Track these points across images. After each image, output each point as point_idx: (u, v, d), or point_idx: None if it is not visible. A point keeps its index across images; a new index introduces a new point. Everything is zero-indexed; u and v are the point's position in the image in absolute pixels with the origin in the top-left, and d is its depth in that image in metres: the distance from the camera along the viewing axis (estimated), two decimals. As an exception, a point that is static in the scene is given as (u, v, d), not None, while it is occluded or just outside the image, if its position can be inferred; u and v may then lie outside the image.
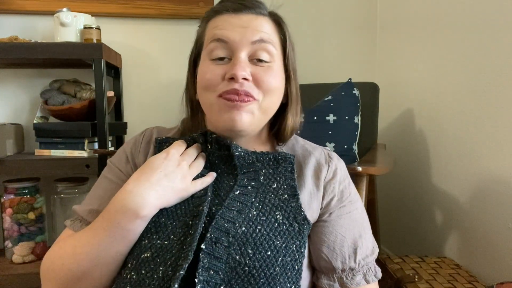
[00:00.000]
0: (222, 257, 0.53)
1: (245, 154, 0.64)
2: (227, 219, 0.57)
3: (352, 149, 1.28)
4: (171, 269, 0.53)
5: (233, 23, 0.62)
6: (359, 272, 0.63)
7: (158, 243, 0.55)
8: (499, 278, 1.08)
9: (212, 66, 0.62)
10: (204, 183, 0.63)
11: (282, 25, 0.67)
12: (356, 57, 1.86)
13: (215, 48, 0.62)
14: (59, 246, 0.62)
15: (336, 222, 0.65)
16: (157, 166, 0.61)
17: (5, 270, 1.38)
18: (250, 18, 0.62)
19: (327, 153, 0.72)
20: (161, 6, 1.65)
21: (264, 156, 0.65)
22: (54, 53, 1.31)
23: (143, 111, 1.72)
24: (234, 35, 0.61)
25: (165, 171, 0.60)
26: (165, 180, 0.59)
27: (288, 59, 0.67)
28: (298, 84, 0.71)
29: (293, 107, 0.70)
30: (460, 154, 1.28)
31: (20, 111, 1.62)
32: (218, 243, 0.54)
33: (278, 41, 0.65)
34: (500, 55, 1.10)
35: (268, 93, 0.62)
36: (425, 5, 1.49)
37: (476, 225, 1.20)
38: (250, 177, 0.64)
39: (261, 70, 0.62)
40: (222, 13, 0.63)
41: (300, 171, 0.67)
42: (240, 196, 0.61)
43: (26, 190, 1.43)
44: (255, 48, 0.61)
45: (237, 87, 0.59)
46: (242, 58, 0.61)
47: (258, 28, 0.62)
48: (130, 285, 0.54)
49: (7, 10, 1.56)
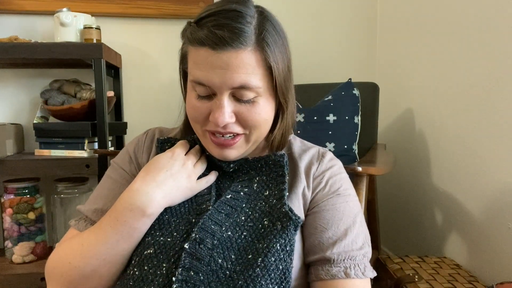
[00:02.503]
0: (204, 258, 0.53)
1: (238, 167, 0.66)
2: (215, 221, 0.57)
3: (352, 149, 1.28)
4: (175, 266, 0.53)
5: (212, 63, 0.56)
6: (338, 264, 0.59)
7: (161, 239, 0.56)
8: (499, 278, 1.08)
9: (198, 103, 0.61)
10: (209, 181, 0.65)
11: (269, 54, 0.58)
12: (356, 57, 1.87)
13: (197, 88, 0.60)
14: (65, 246, 0.62)
15: (319, 214, 0.63)
16: (163, 165, 0.62)
17: (5, 270, 1.38)
18: (229, 56, 0.55)
19: (322, 152, 0.71)
20: (161, 6, 1.65)
21: (256, 163, 0.66)
22: (54, 53, 1.31)
23: (143, 111, 1.72)
24: (214, 79, 0.57)
25: (171, 170, 0.62)
26: (171, 179, 0.61)
27: (277, 87, 0.61)
28: (293, 99, 0.68)
29: (284, 125, 0.68)
30: (460, 154, 1.28)
31: (20, 111, 1.62)
32: (202, 244, 0.54)
33: (264, 72, 0.59)
34: (501, 55, 1.10)
35: (254, 128, 0.62)
36: (425, 6, 1.49)
37: (476, 225, 1.20)
38: (244, 184, 0.65)
39: (245, 109, 0.59)
40: (203, 45, 0.56)
41: (295, 168, 0.67)
42: (231, 200, 0.61)
43: (26, 190, 1.43)
44: (236, 91, 0.58)
45: (220, 130, 0.60)
46: (224, 102, 0.58)
47: (238, 70, 0.56)
48: (133, 281, 0.54)
49: (7, 10, 1.56)
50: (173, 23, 1.69)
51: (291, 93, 0.66)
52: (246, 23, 0.56)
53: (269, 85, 0.61)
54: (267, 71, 0.59)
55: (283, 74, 0.62)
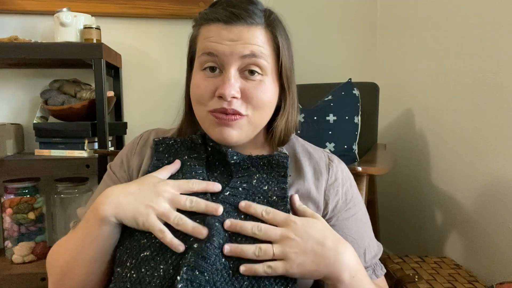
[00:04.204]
0: (210, 257, 0.53)
1: (240, 161, 0.65)
2: (218, 219, 0.57)
3: (352, 149, 1.28)
4: (173, 267, 0.53)
5: (224, 35, 0.60)
6: (369, 269, 0.66)
7: (157, 241, 0.55)
8: (499, 278, 1.08)
9: (204, 81, 0.62)
10: None
11: (277, 35, 0.63)
12: (356, 57, 1.87)
13: (206, 61, 0.62)
14: (58, 244, 0.65)
15: (344, 225, 0.66)
16: (143, 183, 0.60)
17: (5, 270, 1.38)
18: (241, 30, 0.60)
19: (327, 155, 0.71)
20: (161, 6, 1.65)
21: (258, 161, 0.65)
22: (54, 53, 1.31)
23: (143, 111, 1.72)
24: (224, 49, 0.60)
25: (142, 192, 0.58)
26: (134, 197, 0.58)
27: (282, 68, 0.65)
28: (295, 89, 0.70)
29: (286, 113, 0.69)
30: (460, 154, 1.28)
31: (20, 111, 1.62)
32: (209, 243, 0.53)
33: (271, 53, 0.63)
34: (501, 54, 1.10)
35: (257, 108, 0.62)
36: (425, 5, 1.49)
37: (476, 225, 1.20)
38: (243, 180, 0.64)
39: (251, 86, 0.61)
40: (214, 22, 0.61)
41: (299, 169, 0.67)
42: (229, 197, 0.60)
43: (26, 190, 1.43)
44: (246, 62, 0.60)
45: (225, 106, 0.60)
46: (232, 74, 0.60)
47: (249, 41, 0.60)
48: (131, 283, 0.54)
49: (7, 10, 1.56)
50: (173, 23, 1.69)
51: (294, 83, 0.69)
52: (257, 8, 0.63)
53: (274, 68, 0.64)
54: (274, 52, 0.63)
55: (289, 60, 0.66)
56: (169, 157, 0.68)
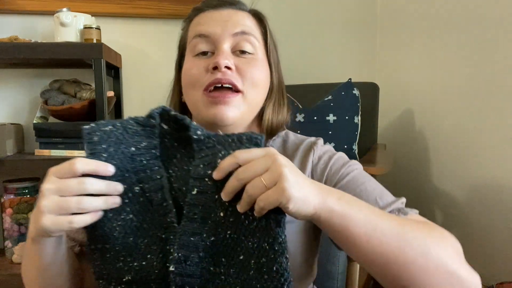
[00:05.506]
0: (195, 273, 0.49)
1: (205, 137, 0.51)
2: (192, 232, 0.50)
3: (352, 149, 1.28)
4: (163, 286, 0.51)
5: (214, 18, 0.63)
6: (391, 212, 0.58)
7: (135, 265, 0.51)
8: (499, 278, 1.08)
9: (196, 61, 0.63)
10: None
11: (263, 19, 0.68)
12: (356, 57, 1.86)
13: (197, 43, 0.63)
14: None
15: (348, 182, 0.61)
16: None
17: (5, 270, 1.38)
18: (230, 12, 0.64)
19: (313, 141, 0.68)
20: (161, 6, 1.65)
21: (227, 138, 0.50)
22: (54, 53, 1.31)
23: (143, 111, 1.67)
24: (216, 29, 0.62)
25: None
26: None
27: (269, 51, 0.67)
28: (281, 77, 0.71)
29: (273, 99, 0.68)
30: (460, 154, 1.28)
31: (20, 111, 1.62)
32: (188, 261, 0.49)
33: (259, 35, 0.66)
34: (501, 55, 1.10)
35: (252, 85, 0.62)
36: (425, 5, 1.49)
37: (476, 225, 1.20)
38: (205, 162, 0.50)
39: (244, 61, 0.62)
40: (203, 10, 0.65)
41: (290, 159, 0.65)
42: (199, 196, 0.50)
43: (26, 190, 1.43)
44: (237, 39, 0.62)
45: (219, 76, 0.59)
46: (225, 48, 0.61)
47: (239, 21, 0.63)
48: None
49: (7, 10, 1.56)
50: (173, 23, 1.68)
51: (280, 73, 0.71)
52: (242, 3, 0.68)
53: (263, 52, 0.66)
54: (262, 37, 0.66)
55: (274, 47, 0.69)
56: (109, 147, 0.53)
